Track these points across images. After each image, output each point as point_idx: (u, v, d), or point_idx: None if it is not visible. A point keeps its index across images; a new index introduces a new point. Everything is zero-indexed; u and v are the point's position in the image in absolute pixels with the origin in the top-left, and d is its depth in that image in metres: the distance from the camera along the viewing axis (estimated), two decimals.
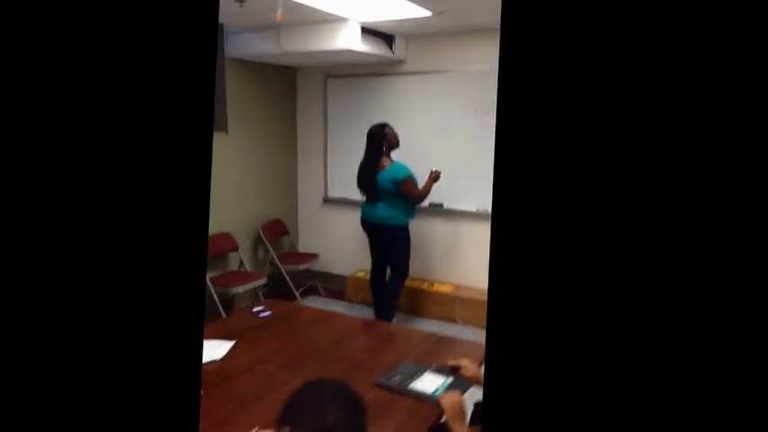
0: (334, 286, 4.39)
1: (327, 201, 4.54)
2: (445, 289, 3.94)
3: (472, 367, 1.80)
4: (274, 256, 4.24)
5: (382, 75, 4.07)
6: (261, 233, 4.26)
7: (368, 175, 3.56)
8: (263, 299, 3.71)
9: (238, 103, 4.00)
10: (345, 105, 4.27)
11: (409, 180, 3.46)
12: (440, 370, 1.87)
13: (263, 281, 3.88)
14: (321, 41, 3.48)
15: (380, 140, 3.52)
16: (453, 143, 3.84)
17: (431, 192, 3.57)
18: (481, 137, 3.71)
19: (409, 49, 3.97)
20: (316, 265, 4.46)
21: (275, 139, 4.45)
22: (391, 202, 3.51)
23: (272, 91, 4.35)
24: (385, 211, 3.53)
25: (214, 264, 3.92)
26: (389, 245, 3.64)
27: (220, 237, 3.88)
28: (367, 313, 3.93)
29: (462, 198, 3.86)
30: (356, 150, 4.00)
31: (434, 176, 3.54)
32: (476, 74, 3.70)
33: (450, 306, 3.84)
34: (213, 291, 3.63)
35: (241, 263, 4.10)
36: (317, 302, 4.20)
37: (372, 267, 3.79)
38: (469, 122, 3.76)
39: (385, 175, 3.48)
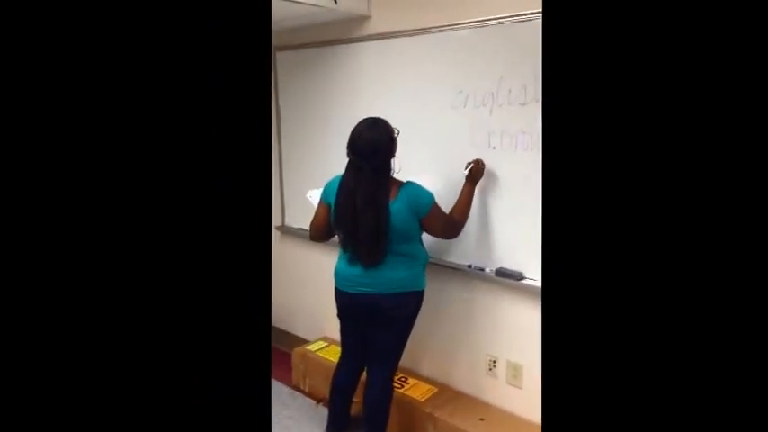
0: (290, 351, 2.99)
1: (285, 231, 3.14)
2: (417, 394, 2.38)
3: None
4: None
5: (341, 42, 2.57)
6: None
7: (371, 218, 1.87)
8: None
9: None
10: (301, 90, 2.83)
11: (436, 204, 1.97)
12: None
13: None
14: None
15: (388, 153, 1.90)
16: (440, 144, 2.27)
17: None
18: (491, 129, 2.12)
19: (373, 1, 2.44)
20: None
21: None
22: (409, 250, 1.99)
23: None
24: (400, 272, 1.97)
25: None
26: (395, 327, 2.06)
27: None
28: (315, 424, 2.52)
29: (452, 245, 2.27)
30: (320, 160, 2.63)
31: (476, 169, 2.07)
32: (468, 33, 2.10)
33: (420, 425, 2.29)
34: None
35: None
36: None
37: (344, 358, 2.24)
38: (472, 111, 2.17)
39: (398, 208, 1.90)
